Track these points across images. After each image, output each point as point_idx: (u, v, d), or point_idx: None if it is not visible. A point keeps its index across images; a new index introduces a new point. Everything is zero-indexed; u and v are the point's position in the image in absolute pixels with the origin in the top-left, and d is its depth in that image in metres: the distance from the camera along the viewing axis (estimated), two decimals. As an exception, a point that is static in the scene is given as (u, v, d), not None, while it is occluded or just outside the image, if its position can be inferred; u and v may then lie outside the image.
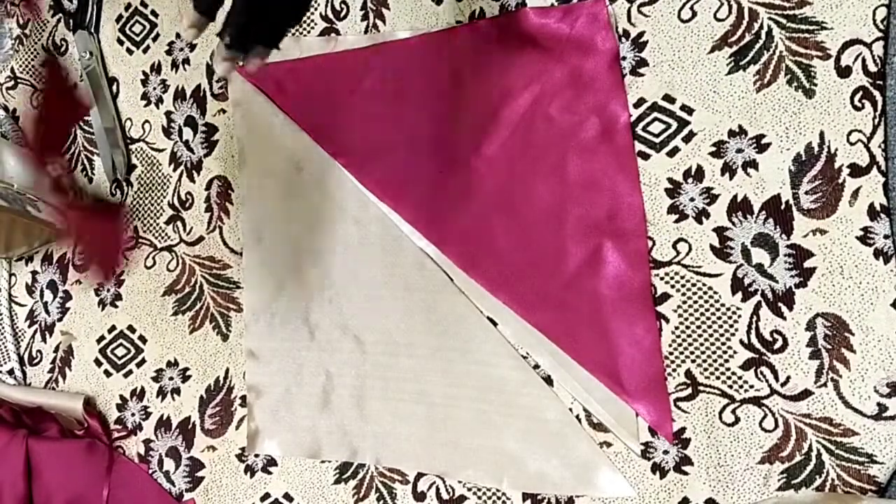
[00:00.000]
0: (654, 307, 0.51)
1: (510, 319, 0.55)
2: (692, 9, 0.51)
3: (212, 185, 0.67)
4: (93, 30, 0.73)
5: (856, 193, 0.46)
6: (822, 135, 0.47)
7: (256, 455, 0.63)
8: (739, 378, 0.48)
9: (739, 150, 0.49)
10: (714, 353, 0.49)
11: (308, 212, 0.63)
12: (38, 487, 0.68)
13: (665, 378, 0.50)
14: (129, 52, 0.72)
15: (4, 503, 0.68)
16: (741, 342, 0.48)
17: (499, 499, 0.54)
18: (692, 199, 0.50)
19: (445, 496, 0.56)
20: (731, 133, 0.49)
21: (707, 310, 0.49)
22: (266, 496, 0.62)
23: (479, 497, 0.55)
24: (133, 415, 0.69)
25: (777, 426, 0.47)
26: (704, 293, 0.50)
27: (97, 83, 0.72)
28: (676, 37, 0.51)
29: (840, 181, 0.46)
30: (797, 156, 0.47)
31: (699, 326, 0.50)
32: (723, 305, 0.49)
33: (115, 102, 0.73)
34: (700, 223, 0.50)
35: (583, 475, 0.52)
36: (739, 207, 0.49)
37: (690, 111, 0.51)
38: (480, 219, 0.56)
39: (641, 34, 0.52)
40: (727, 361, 0.49)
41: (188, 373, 0.67)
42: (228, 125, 0.67)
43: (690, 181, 0.50)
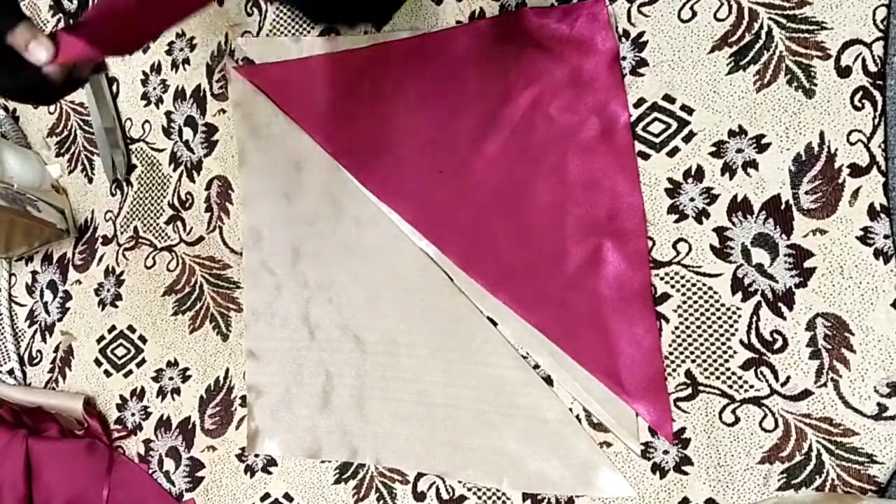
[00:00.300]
0: (654, 307, 0.51)
1: (510, 319, 0.55)
2: (692, 9, 0.51)
3: (212, 185, 0.67)
4: (93, 30, 0.73)
5: (856, 193, 0.46)
6: (822, 135, 0.47)
7: (256, 455, 0.63)
8: (739, 378, 0.48)
9: (739, 150, 0.49)
10: (714, 353, 0.49)
11: (308, 212, 0.63)
12: (38, 487, 0.68)
13: (665, 378, 0.50)
14: (129, 52, 0.72)
15: (4, 503, 0.68)
16: (741, 342, 0.48)
17: (499, 499, 0.54)
18: (692, 199, 0.50)
19: (445, 496, 0.56)
20: (731, 133, 0.49)
21: (707, 310, 0.49)
22: (266, 496, 0.62)
23: (479, 497, 0.55)
24: (133, 415, 0.69)
25: (777, 426, 0.47)
26: (704, 293, 0.50)
27: (97, 83, 0.72)
28: (676, 37, 0.51)
29: (840, 181, 0.46)
30: (797, 156, 0.47)
31: (699, 326, 0.50)
32: (723, 305, 0.49)
33: (115, 102, 0.73)
34: (700, 223, 0.50)
35: (583, 475, 0.52)
36: (739, 207, 0.49)
37: (690, 111, 0.50)
38: (480, 219, 0.56)
39: (641, 34, 0.52)
40: (727, 361, 0.49)
41: (188, 373, 0.67)
42: (228, 125, 0.67)
43: (690, 181, 0.50)
